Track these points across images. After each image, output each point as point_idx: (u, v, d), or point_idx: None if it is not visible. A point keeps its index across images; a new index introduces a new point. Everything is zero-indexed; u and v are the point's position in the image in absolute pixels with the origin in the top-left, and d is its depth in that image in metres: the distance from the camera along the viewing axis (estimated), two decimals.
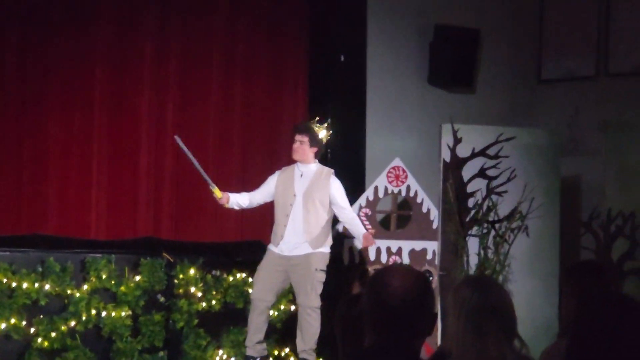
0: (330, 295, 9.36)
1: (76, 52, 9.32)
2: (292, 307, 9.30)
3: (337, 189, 8.41)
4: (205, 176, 8.39)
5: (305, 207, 8.28)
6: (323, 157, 9.65)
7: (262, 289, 8.29)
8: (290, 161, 8.58)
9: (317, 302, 8.24)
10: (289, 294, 9.12)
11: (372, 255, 9.28)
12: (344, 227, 9.17)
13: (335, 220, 9.42)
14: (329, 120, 8.80)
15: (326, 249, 8.38)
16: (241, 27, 9.95)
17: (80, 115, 9.35)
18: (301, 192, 8.30)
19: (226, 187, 8.65)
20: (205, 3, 9.83)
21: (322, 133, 8.48)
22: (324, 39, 10.26)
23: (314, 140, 8.39)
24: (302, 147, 8.39)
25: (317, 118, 8.68)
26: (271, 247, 8.39)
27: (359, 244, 8.81)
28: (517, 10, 10.82)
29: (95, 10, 9.39)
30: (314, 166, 8.42)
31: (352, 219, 8.54)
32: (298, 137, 8.38)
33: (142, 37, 9.56)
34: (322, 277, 8.30)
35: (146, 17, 9.59)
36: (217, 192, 8.37)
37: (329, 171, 8.46)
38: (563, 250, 9.52)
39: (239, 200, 8.47)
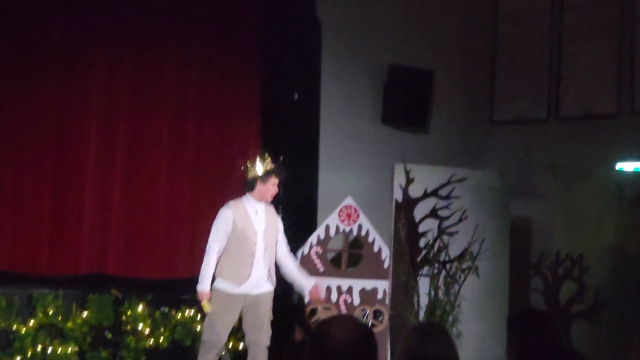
0: (279, 335, 9.32)
1: (26, 88, 9.26)
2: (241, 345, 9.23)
3: (282, 226, 8.42)
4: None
5: (268, 244, 8.20)
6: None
7: (218, 331, 8.09)
8: (234, 196, 8.46)
9: (269, 340, 8.19)
10: (237, 332, 9.01)
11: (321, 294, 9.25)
12: None
13: None
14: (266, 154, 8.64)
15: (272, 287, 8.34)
16: (194, 64, 9.95)
17: (28, 149, 9.27)
18: (261, 230, 8.21)
19: (177, 222, 8.56)
20: (158, 39, 9.79)
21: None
22: (278, 76, 10.27)
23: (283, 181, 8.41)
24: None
25: (265, 154, 8.55)
26: (228, 286, 8.10)
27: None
28: (470, 52, 10.90)
29: (45, 46, 9.33)
30: (263, 204, 8.31)
31: (293, 258, 8.54)
32: (278, 181, 8.30)
33: (92, 70, 9.52)
34: (271, 315, 8.26)
35: (97, 53, 9.55)
36: (207, 306, 8.17)
37: (273, 209, 8.42)
38: (512, 291, 9.54)
39: (213, 270, 8.23)
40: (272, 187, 8.22)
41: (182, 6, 9.88)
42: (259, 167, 8.25)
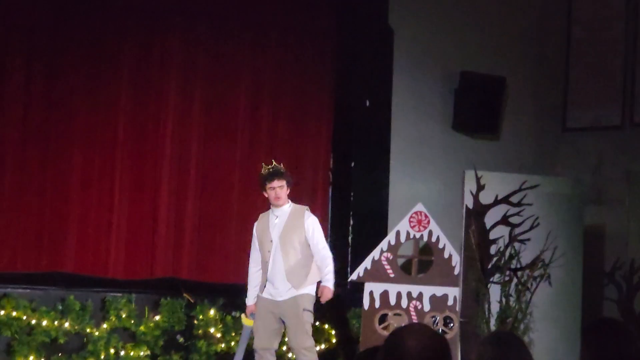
0: (348, 340, 9.35)
1: (100, 89, 9.41)
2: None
3: (311, 223, 8.36)
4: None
5: (284, 250, 8.24)
6: (345, 201, 9.71)
7: (262, 338, 8.25)
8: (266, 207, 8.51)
9: (309, 342, 8.23)
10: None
11: (392, 300, 9.24)
12: (364, 271, 9.16)
13: (354, 265, 9.40)
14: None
15: (312, 289, 8.32)
16: (267, 68, 10.04)
17: (102, 154, 9.43)
18: (277, 236, 8.26)
19: (250, 227, 8.57)
20: (232, 45, 9.90)
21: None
22: (350, 83, 10.32)
23: (289, 182, 8.39)
24: (283, 192, 8.35)
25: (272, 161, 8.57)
26: (259, 293, 8.34)
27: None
28: (542, 58, 10.83)
29: (120, 45, 9.49)
30: (287, 207, 8.37)
31: (324, 259, 8.34)
32: (277, 183, 8.29)
33: (166, 76, 9.64)
34: (310, 317, 8.27)
35: (171, 57, 9.68)
36: (248, 321, 8.37)
37: (302, 208, 8.43)
38: (585, 300, 9.43)
39: (258, 284, 8.39)
40: (270, 191, 8.29)
41: (257, 13, 9.98)
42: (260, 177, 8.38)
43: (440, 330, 9.01)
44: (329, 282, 8.30)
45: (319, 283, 8.31)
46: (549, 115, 10.80)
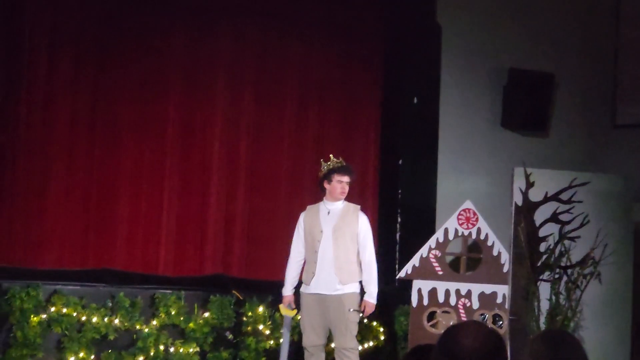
0: (397, 337, 9.33)
1: (149, 85, 9.47)
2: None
3: (364, 223, 8.42)
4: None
5: (335, 242, 8.27)
6: (393, 198, 9.70)
7: (311, 335, 8.28)
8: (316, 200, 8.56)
9: (353, 343, 8.24)
10: None
11: (441, 297, 9.21)
12: (412, 268, 9.14)
13: (402, 262, 9.39)
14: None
15: (358, 288, 8.33)
16: (316, 65, 10.08)
17: (151, 150, 9.49)
18: (329, 228, 8.29)
19: (297, 220, 8.59)
20: (281, 41, 9.94)
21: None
22: (398, 80, 10.31)
23: (353, 180, 8.45)
24: (348, 188, 8.41)
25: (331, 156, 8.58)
26: (304, 289, 8.38)
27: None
28: (592, 55, 10.74)
29: (169, 42, 9.54)
30: (341, 203, 8.42)
31: (369, 264, 8.39)
32: (346, 178, 8.38)
33: (215, 72, 9.70)
34: (357, 317, 8.28)
35: (220, 53, 9.72)
36: (288, 311, 8.40)
37: (355, 207, 8.47)
38: (636, 298, 9.36)
39: (297, 275, 8.45)
40: (337, 184, 8.33)
41: (305, 10, 10.00)
42: (324, 168, 8.41)
43: None
44: (372, 296, 8.35)
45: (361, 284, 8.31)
46: (598, 112, 10.72)
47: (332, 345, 8.41)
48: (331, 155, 8.50)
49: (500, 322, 9.19)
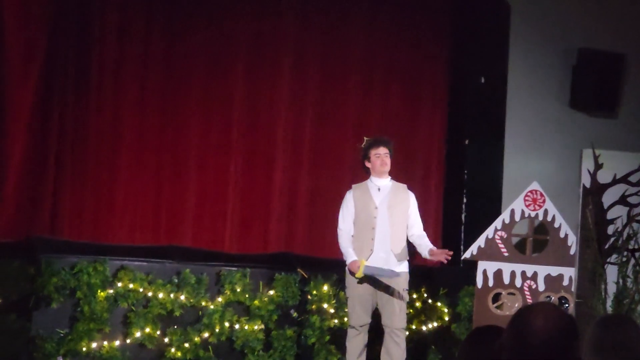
0: (461, 318, 9.30)
1: (217, 63, 9.52)
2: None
3: (413, 200, 8.37)
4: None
5: (390, 218, 8.20)
6: (459, 178, 9.66)
7: (361, 315, 8.18)
8: (362, 178, 8.46)
9: (404, 323, 8.21)
10: None
11: (506, 279, 9.16)
12: (478, 249, 9.10)
13: (467, 243, 9.35)
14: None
15: (407, 267, 8.28)
16: (381, 44, 10.04)
17: (218, 129, 9.54)
18: (384, 204, 8.21)
19: None
20: (345, 20, 9.92)
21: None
22: (465, 60, 10.26)
23: (392, 153, 8.34)
24: (388, 160, 8.30)
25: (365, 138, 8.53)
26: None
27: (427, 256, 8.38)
28: None
29: (237, 21, 9.57)
30: (388, 181, 8.35)
31: (422, 237, 8.31)
32: (383, 150, 8.27)
33: (282, 51, 9.71)
34: (407, 297, 8.27)
35: (286, 32, 9.73)
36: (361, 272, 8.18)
37: (403, 185, 8.40)
38: None
39: (348, 242, 8.30)
40: (376, 158, 8.24)
41: None
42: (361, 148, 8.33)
43: None
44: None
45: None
46: None
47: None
48: (365, 137, 8.43)
49: (566, 305, 9.12)
